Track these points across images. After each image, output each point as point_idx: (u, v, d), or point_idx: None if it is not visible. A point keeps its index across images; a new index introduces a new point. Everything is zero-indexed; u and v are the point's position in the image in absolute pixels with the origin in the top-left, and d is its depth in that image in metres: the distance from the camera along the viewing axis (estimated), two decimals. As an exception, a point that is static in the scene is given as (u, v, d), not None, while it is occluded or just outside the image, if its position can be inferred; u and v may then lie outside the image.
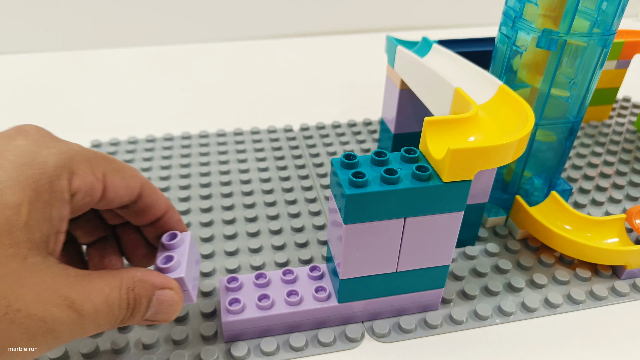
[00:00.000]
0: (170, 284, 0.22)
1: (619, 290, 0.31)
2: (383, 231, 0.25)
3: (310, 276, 0.29)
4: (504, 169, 0.36)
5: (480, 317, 0.29)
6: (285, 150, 0.45)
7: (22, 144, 0.19)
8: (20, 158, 0.18)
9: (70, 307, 0.18)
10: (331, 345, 0.27)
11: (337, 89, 0.59)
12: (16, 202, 0.18)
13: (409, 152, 0.25)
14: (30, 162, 0.19)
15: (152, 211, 0.24)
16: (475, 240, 0.35)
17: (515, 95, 0.27)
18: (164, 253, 0.24)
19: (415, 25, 0.79)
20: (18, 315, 0.17)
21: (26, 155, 0.19)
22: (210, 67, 0.64)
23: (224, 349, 0.27)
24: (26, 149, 0.19)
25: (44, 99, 0.55)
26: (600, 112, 0.51)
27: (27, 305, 0.17)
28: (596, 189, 0.41)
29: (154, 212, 0.24)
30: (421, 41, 0.37)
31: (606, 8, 0.29)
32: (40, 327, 0.18)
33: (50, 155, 0.19)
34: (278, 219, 0.37)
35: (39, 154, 0.19)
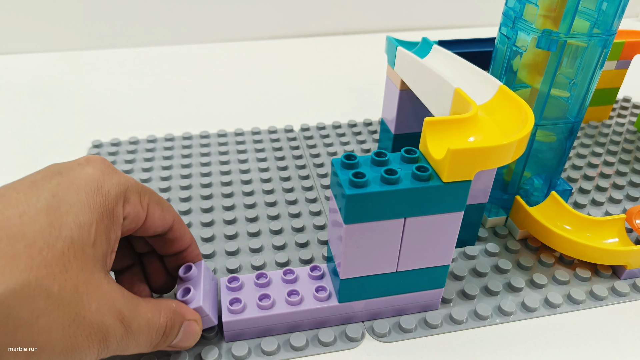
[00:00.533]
0: (196, 316, 0.25)
1: (619, 290, 0.31)
2: (383, 231, 0.25)
3: (310, 276, 0.29)
4: (504, 169, 0.36)
5: (480, 317, 0.29)
6: (286, 151, 0.45)
7: (91, 172, 0.22)
8: (90, 185, 0.21)
9: (121, 322, 0.21)
10: (331, 345, 0.28)
11: (337, 89, 0.59)
12: (88, 222, 0.20)
13: (409, 152, 0.25)
14: (98, 189, 0.22)
15: (178, 243, 0.27)
16: (475, 240, 0.35)
17: (515, 95, 0.27)
18: (182, 285, 0.27)
19: (415, 26, 0.79)
20: (83, 322, 0.19)
21: (95, 183, 0.22)
22: (211, 68, 0.64)
23: (225, 349, 0.27)
24: (94, 177, 0.22)
25: (45, 99, 0.55)
26: (600, 112, 0.51)
27: (91, 314, 0.20)
28: (596, 189, 0.41)
29: (180, 244, 0.27)
30: (421, 42, 0.37)
31: (606, 8, 0.29)
32: (97, 335, 0.20)
33: (112, 185, 0.22)
34: (279, 219, 0.37)
35: (104, 183, 0.22)
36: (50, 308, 0.18)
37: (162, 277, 0.28)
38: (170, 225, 0.26)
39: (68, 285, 0.19)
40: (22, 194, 0.20)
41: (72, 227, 0.20)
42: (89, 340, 0.20)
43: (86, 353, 0.20)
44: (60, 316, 0.19)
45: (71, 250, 0.19)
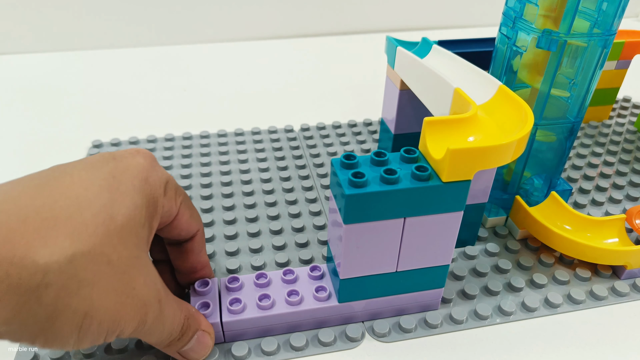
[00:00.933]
0: (210, 329, 0.26)
1: (619, 290, 0.31)
2: (383, 231, 0.25)
3: (310, 276, 0.29)
4: (504, 169, 0.36)
5: (480, 317, 0.29)
6: (286, 151, 0.45)
7: (142, 162, 0.23)
8: (142, 174, 0.23)
9: (159, 303, 0.22)
10: (331, 345, 0.28)
11: (337, 89, 0.59)
12: (140, 205, 0.22)
13: (409, 152, 0.25)
14: (147, 179, 0.23)
15: (194, 258, 0.28)
16: (475, 240, 0.35)
17: (514, 95, 0.27)
18: (198, 299, 0.27)
19: (415, 26, 0.79)
20: (132, 293, 0.21)
21: (145, 173, 0.23)
22: (211, 68, 0.64)
23: (225, 349, 0.27)
24: (144, 167, 0.23)
25: (45, 99, 0.55)
26: (600, 112, 0.51)
27: (140, 286, 0.21)
28: (596, 189, 0.41)
29: (195, 259, 0.28)
30: (421, 42, 0.37)
31: (606, 8, 0.29)
32: (141, 309, 0.21)
33: (158, 177, 0.24)
34: (279, 219, 0.37)
35: (152, 174, 0.23)
36: (109, 274, 0.20)
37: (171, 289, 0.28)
38: (194, 235, 0.27)
39: (124, 257, 0.20)
40: (85, 172, 0.21)
41: (129, 206, 0.21)
42: (134, 311, 0.21)
43: (129, 324, 0.21)
44: (116, 282, 0.20)
45: (128, 226, 0.21)
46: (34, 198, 0.19)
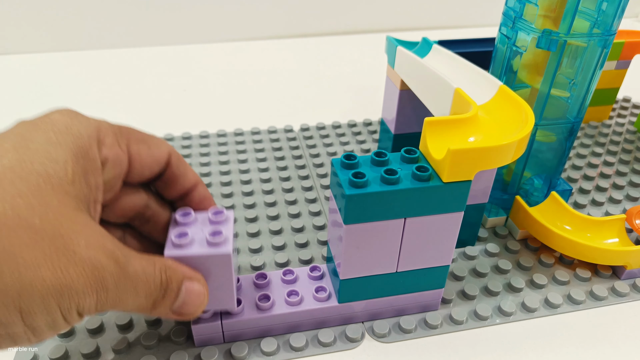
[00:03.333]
0: (197, 276, 0.23)
1: (619, 290, 0.31)
2: (383, 231, 0.25)
3: (310, 276, 0.29)
4: (504, 169, 0.36)
5: (480, 317, 0.29)
6: (286, 151, 0.45)
7: (57, 116, 0.20)
8: (58, 126, 0.20)
9: (116, 262, 0.19)
10: (331, 345, 0.28)
11: (337, 89, 0.59)
12: (62, 159, 0.19)
13: (409, 152, 0.25)
14: (67, 130, 0.20)
15: (181, 181, 0.25)
16: (475, 241, 0.35)
17: (515, 95, 0.27)
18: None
19: (416, 25, 0.79)
20: (74, 257, 0.18)
21: (63, 125, 0.20)
22: (210, 68, 0.64)
23: (225, 349, 0.27)
24: (62, 120, 0.20)
25: (44, 99, 0.55)
26: (600, 112, 0.51)
27: (81, 249, 0.18)
28: (596, 190, 0.41)
29: (183, 182, 0.25)
30: (421, 42, 0.37)
31: (606, 8, 0.29)
32: (92, 273, 0.18)
33: (82, 126, 0.20)
34: (278, 219, 0.37)
35: (73, 124, 0.20)
36: (34, 239, 0.17)
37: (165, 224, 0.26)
38: (166, 161, 0.24)
39: (50, 218, 0.17)
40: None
41: (44, 162, 0.18)
42: (84, 277, 0.18)
43: (84, 294, 0.18)
44: (46, 249, 0.17)
45: (48, 184, 0.18)
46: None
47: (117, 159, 0.21)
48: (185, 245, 0.23)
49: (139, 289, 0.20)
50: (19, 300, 0.16)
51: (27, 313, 0.17)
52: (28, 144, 0.18)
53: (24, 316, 0.17)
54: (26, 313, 0.17)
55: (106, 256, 0.19)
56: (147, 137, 0.24)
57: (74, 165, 0.19)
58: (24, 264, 0.16)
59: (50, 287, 0.17)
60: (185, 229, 0.24)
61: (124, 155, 0.22)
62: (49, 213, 0.17)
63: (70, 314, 0.18)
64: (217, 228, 0.24)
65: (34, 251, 0.17)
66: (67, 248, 0.17)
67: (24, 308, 0.16)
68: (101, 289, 0.18)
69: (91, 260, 0.18)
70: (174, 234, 0.23)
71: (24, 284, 0.16)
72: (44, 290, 0.17)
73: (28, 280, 0.16)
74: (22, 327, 0.17)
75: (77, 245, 0.18)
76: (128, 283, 0.19)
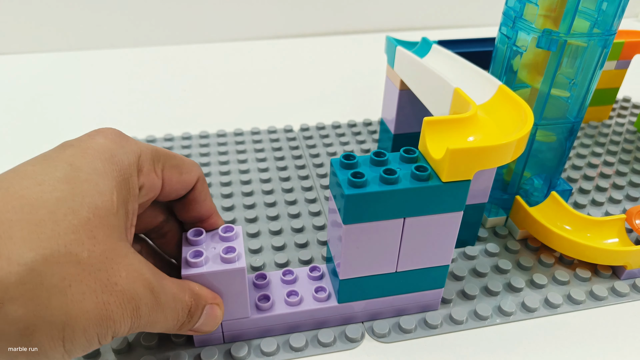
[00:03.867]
0: (218, 300, 0.24)
1: (619, 290, 0.31)
2: (382, 231, 0.25)
3: (310, 276, 0.29)
4: (504, 169, 0.36)
5: (480, 317, 0.29)
6: (286, 151, 0.45)
7: (103, 142, 0.21)
8: (104, 154, 0.20)
9: (151, 292, 0.20)
10: (331, 346, 0.28)
11: (337, 89, 0.59)
12: (108, 190, 0.19)
13: (408, 152, 0.25)
14: (112, 158, 0.20)
15: (198, 208, 0.25)
16: (475, 240, 0.35)
17: (514, 95, 0.27)
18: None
19: (415, 25, 0.79)
20: (115, 289, 0.19)
21: (108, 152, 0.20)
22: (210, 68, 0.64)
23: (224, 349, 0.27)
24: (107, 146, 0.21)
25: (44, 99, 0.55)
26: (600, 112, 0.50)
27: (122, 280, 0.19)
28: (596, 189, 0.41)
29: (200, 209, 0.26)
30: (421, 42, 0.37)
31: (606, 8, 0.29)
32: (130, 303, 0.19)
33: (125, 154, 0.21)
34: (278, 219, 0.37)
35: (117, 152, 0.21)
36: (82, 275, 0.18)
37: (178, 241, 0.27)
38: (192, 187, 0.25)
39: (97, 252, 0.18)
40: (38, 166, 0.19)
41: (93, 194, 0.19)
42: (122, 308, 0.19)
43: (120, 322, 0.19)
44: (92, 283, 0.18)
45: (96, 217, 0.19)
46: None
47: (152, 185, 0.22)
48: (201, 263, 0.24)
49: (168, 315, 0.21)
50: (63, 331, 0.17)
51: (69, 341, 0.18)
52: (78, 174, 0.19)
53: (65, 343, 0.18)
54: (68, 341, 0.18)
55: (143, 286, 0.20)
56: (180, 161, 0.24)
57: (117, 195, 0.20)
58: (71, 299, 0.17)
59: (92, 319, 0.18)
60: (199, 247, 0.25)
61: (158, 182, 0.23)
62: (95, 246, 0.18)
63: (106, 338, 0.19)
64: (229, 244, 0.25)
65: (81, 286, 0.18)
66: (110, 281, 0.19)
67: (66, 337, 0.18)
68: (136, 316, 0.20)
69: (130, 292, 0.19)
70: (188, 253, 0.24)
71: (70, 316, 0.17)
72: (86, 321, 0.18)
73: (74, 313, 0.17)
74: (62, 352, 0.18)
75: (119, 277, 0.19)
76: (160, 310, 0.21)
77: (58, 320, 0.17)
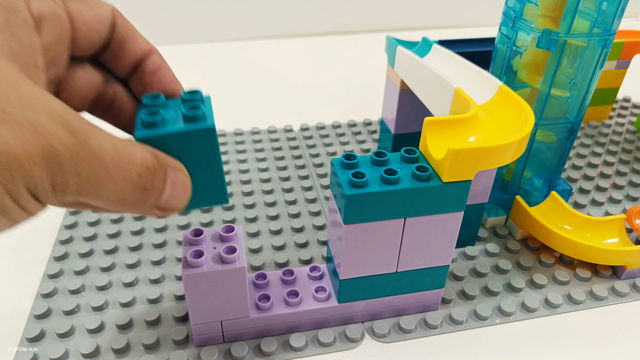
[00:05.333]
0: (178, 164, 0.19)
1: (619, 290, 0.31)
2: (383, 231, 0.25)
3: (310, 276, 0.29)
4: (504, 169, 0.36)
5: (480, 317, 0.29)
6: (286, 151, 0.45)
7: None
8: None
9: (70, 132, 0.14)
10: (331, 346, 0.28)
11: (337, 89, 0.59)
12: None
13: (409, 152, 0.25)
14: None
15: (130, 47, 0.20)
16: (475, 240, 0.35)
17: (515, 95, 0.27)
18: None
19: (416, 25, 0.79)
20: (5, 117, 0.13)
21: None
22: (210, 67, 0.64)
23: (224, 349, 0.27)
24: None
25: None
26: (600, 112, 0.51)
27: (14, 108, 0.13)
28: (596, 189, 0.41)
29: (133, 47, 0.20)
30: (421, 41, 0.37)
31: (606, 8, 0.29)
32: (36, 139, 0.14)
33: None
34: (278, 219, 0.37)
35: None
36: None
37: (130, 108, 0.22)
38: (111, 22, 0.20)
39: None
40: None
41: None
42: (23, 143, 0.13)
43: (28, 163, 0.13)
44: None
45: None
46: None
47: (54, 16, 0.17)
48: (201, 263, 0.23)
49: (113, 169, 0.16)
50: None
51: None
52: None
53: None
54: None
55: (53, 122, 0.14)
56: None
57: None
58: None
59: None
60: (199, 247, 0.24)
61: (62, 12, 0.18)
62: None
63: (19, 192, 0.14)
64: (229, 244, 0.25)
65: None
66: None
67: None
68: (53, 161, 0.14)
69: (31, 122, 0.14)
70: (188, 253, 0.24)
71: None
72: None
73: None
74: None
75: (10, 104, 0.13)
76: (93, 160, 0.15)
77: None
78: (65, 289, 0.30)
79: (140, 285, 0.31)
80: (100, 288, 0.30)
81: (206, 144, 0.19)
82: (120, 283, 0.31)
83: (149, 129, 0.18)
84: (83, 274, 0.32)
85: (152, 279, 0.31)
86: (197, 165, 0.20)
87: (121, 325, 0.28)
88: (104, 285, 0.30)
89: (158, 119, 0.19)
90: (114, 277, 0.31)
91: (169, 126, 0.19)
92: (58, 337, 0.27)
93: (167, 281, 0.31)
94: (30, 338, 0.27)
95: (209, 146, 0.19)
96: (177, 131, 0.18)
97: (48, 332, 0.28)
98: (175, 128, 0.18)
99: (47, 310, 0.29)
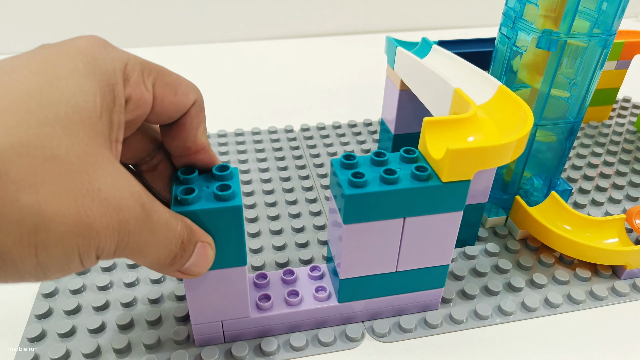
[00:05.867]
0: (210, 239, 0.22)
1: (619, 290, 0.31)
2: (383, 231, 0.25)
3: (310, 276, 0.29)
4: (504, 169, 0.36)
5: (480, 317, 0.29)
6: (286, 151, 0.45)
7: (85, 44, 0.18)
8: (85, 56, 0.18)
9: (142, 207, 0.17)
10: (331, 345, 0.28)
11: (337, 89, 0.59)
12: (91, 91, 0.17)
13: (408, 152, 0.25)
14: (95, 61, 0.18)
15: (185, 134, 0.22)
16: (475, 240, 0.35)
17: (514, 95, 0.27)
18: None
19: (415, 26, 0.79)
20: (99, 195, 0.16)
21: (91, 54, 0.18)
22: (211, 68, 0.64)
23: (225, 349, 0.27)
24: (89, 48, 0.18)
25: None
26: (600, 112, 0.51)
27: (106, 187, 0.16)
28: (596, 189, 0.41)
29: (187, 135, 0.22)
30: (421, 42, 0.37)
31: (606, 8, 0.29)
32: (116, 214, 0.16)
33: (111, 59, 0.18)
34: (278, 219, 0.37)
35: (101, 55, 0.18)
36: (57, 172, 0.15)
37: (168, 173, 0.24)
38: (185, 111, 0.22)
39: (76, 151, 0.16)
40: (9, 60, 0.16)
41: (74, 91, 0.16)
42: (106, 218, 0.16)
43: (104, 236, 0.16)
44: (70, 184, 0.15)
45: (77, 115, 0.16)
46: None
47: (141, 99, 0.19)
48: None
49: (160, 239, 0.19)
50: (35, 235, 0.15)
51: (42, 249, 0.15)
52: (56, 70, 0.16)
53: (38, 252, 0.15)
54: (41, 249, 0.15)
55: (132, 199, 0.17)
56: (176, 80, 0.21)
57: (101, 100, 0.17)
58: (44, 198, 0.15)
59: (71, 225, 0.15)
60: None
61: (148, 96, 0.20)
62: (75, 146, 0.16)
63: (88, 255, 0.16)
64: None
65: (57, 185, 0.15)
66: (92, 185, 0.16)
67: (39, 243, 0.15)
68: (123, 231, 0.17)
69: (117, 200, 0.16)
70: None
71: (43, 218, 0.15)
72: (64, 227, 0.15)
73: (48, 215, 0.15)
74: (34, 264, 0.15)
75: (104, 183, 0.16)
76: (151, 231, 0.18)
77: (28, 221, 0.14)
78: (66, 288, 0.30)
79: (141, 285, 0.31)
80: (101, 288, 0.30)
81: (233, 219, 0.22)
82: (122, 283, 0.31)
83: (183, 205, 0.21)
84: (84, 274, 0.32)
85: (153, 279, 0.31)
86: (223, 234, 0.22)
87: (122, 325, 0.28)
88: (105, 285, 0.30)
89: (191, 196, 0.21)
90: (115, 277, 0.31)
91: (201, 202, 0.22)
92: (59, 337, 0.28)
93: (168, 281, 0.31)
94: (31, 338, 0.27)
95: (235, 221, 0.22)
96: (207, 209, 0.21)
97: (49, 332, 0.28)
98: (206, 205, 0.21)
99: (48, 310, 0.29)
